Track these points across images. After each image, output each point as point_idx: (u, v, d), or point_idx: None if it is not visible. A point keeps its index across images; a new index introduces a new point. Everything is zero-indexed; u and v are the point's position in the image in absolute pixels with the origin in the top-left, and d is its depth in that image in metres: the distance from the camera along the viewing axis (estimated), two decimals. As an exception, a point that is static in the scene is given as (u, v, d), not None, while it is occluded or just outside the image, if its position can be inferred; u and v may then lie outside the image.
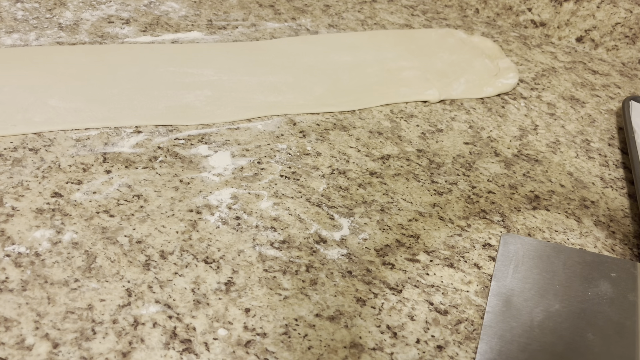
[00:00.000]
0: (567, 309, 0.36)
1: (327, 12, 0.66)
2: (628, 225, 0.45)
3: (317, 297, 0.35)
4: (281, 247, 0.38)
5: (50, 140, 0.43)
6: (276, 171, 0.44)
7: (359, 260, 0.38)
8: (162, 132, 0.46)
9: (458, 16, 0.71)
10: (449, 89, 0.57)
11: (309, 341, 0.33)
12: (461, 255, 0.40)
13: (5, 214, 0.37)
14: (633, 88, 0.63)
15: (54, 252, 0.35)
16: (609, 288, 0.38)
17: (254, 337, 0.33)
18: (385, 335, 0.34)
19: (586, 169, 0.50)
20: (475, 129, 0.52)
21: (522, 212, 0.44)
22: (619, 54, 0.68)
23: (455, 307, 0.36)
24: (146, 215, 0.39)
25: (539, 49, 0.67)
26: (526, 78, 0.61)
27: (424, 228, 0.41)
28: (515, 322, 0.35)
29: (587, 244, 0.42)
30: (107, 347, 0.31)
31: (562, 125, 0.55)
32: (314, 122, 0.50)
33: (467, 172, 0.47)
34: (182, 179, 0.42)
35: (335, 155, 0.47)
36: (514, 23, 0.71)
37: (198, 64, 0.54)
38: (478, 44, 0.65)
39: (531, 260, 0.39)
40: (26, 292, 0.33)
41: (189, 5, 0.63)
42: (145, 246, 0.37)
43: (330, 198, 0.43)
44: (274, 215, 0.40)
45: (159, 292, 0.34)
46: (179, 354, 0.31)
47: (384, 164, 0.47)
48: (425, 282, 0.38)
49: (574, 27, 0.68)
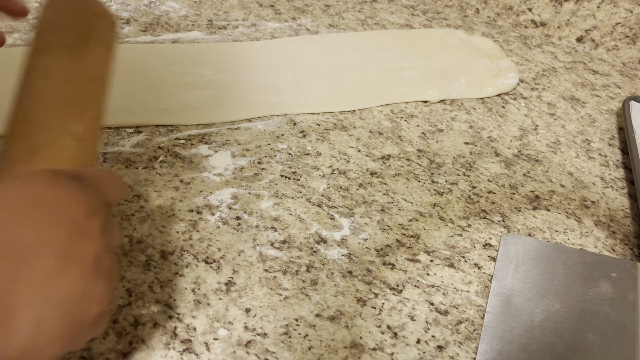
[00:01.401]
0: (568, 309, 0.36)
1: (328, 12, 0.66)
2: (628, 225, 0.45)
3: (317, 297, 0.35)
4: (281, 247, 0.38)
5: (51, 140, 0.43)
6: (276, 171, 0.44)
7: (360, 260, 0.38)
8: (162, 132, 0.46)
9: (458, 16, 0.71)
10: (449, 89, 0.57)
11: (309, 341, 0.33)
12: (461, 256, 0.40)
13: (6, 214, 0.37)
14: (633, 88, 0.63)
15: (54, 252, 0.35)
16: (610, 288, 0.38)
17: (255, 337, 0.33)
18: (386, 336, 0.34)
19: (586, 169, 0.50)
20: (476, 129, 0.52)
21: (522, 212, 0.44)
22: (619, 54, 0.68)
23: (456, 307, 0.36)
24: (146, 215, 0.39)
25: (539, 49, 0.67)
26: (526, 78, 0.61)
27: (424, 228, 0.41)
28: (515, 322, 0.35)
29: (587, 244, 0.42)
30: (107, 347, 0.31)
31: (562, 125, 0.55)
32: (314, 122, 0.50)
33: (467, 172, 0.47)
34: (182, 179, 0.42)
35: (335, 155, 0.47)
36: (514, 23, 0.71)
37: (198, 64, 0.54)
38: (478, 44, 0.65)
39: (531, 260, 0.39)
40: (26, 292, 0.33)
41: (189, 5, 0.63)
42: (146, 246, 0.37)
43: (331, 198, 0.43)
44: (274, 215, 0.40)
45: (159, 292, 0.34)
46: (179, 354, 0.31)
47: (384, 164, 0.47)
48: (425, 282, 0.38)
49: (574, 27, 0.68)
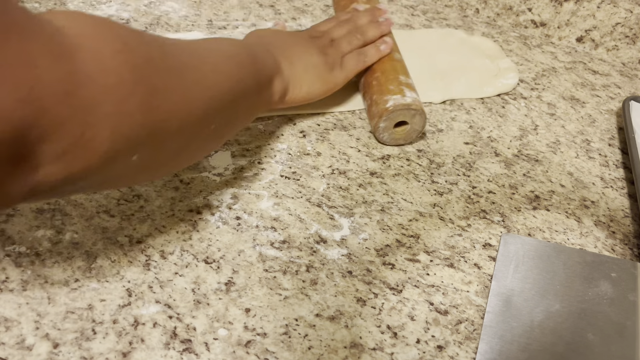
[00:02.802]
0: (568, 309, 0.36)
1: (328, 12, 0.66)
2: (628, 225, 0.45)
3: (317, 297, 0.35)
4: (281, 247, 0.38)
5: (51, 140, 0.43)
6: (276, 171, 0.44)
7: (359, 260, 0.38)
8: (162, 132, 0.46)
9: (458, 16, 0.71)
10: (449, 88, 0.57)
11: (309, 341, 0.33)
12: (461, 255, 0.40)
13: (6, 214, 0.37)
14: (633, 88, 0.63)
15: (54, 252, 0.35)
16: (609, 288, 0.38)
17: (254, 337, 0.33)
18: (386, 335, 0.34)
19: (586, 169, 0.50)
20: (476, 129, 0.52)
21: (522, 212, 0.44)
22: (619, 54, 0.68)
23: (456, 307, 0.36)
24: (146, 215, 0.39)
25: (539, 49, 0.67)
26: (526, 78, 0.61)
27: (424, 228, 0.41)
28: (515, 322, 0.35)
29: (587, 244, 0.42)
30: (107, 347, 0.31)
31: (562, 125, 0.55)
32: (314, 122, 0.50)
33: (467, 172, 0.47)
34: (182, 178, 0.42)
35: (335, 155, 0.47)
36: (514, 23, 0.71)
37: (198, 64, 0.54)
38: (478, 44, 0.65)
39: (531, 260, 0.39)
40: (26, 292, 0.33)
41: (189, 5, 0.63)
42: (146, 246, 0.37)
43: (331, 198, 0.43)
44: (274, 215, 0.40)
45: (159, 292, 0.34)
46: (179, 354, 0.31)
47: (384, 164, 0.47)
48: (425, 282, 0.38)
49: (574, 27, 0.68)
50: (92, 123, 0.22)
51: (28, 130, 0.20)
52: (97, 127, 0.23)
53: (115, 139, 0.24)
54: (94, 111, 0.22)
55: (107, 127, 0.23)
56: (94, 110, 0.22)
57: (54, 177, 0.22)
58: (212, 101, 0.32)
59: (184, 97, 0.29)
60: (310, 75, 0.46)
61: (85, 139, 0.22)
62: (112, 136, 0.24)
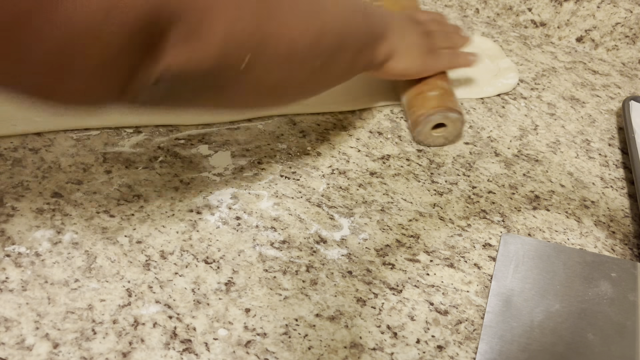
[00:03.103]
0: (567, 309, 0.36)
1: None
2: (628, 225, 0.45)
3: (317, 297, 0.35)
4: (281, 247, 0.38)
5: (51, 140, 0.43)
6: (276, 171, 0.44)
7: (359, 260, 0.38)
8: (162, 132, 0.46)
9: (458, 16, 0.71)
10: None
11: (309, 341, 0.33)
12: (461, 255, 0.40)
13: (6, 214, 0.37)
14: (633, 88, 0.63)
15: (54, 252, 0.35)
16: (609, 288, 0.38)
17: (254, 337, 0.33)
18: (386, 336, 0.34)
19: (586, 169, 0.50)
20: (476, 129, 0.52)
21: (522, 212, 0.44)
22: (619, 54, 0.68)
23: (456, 307, 0.36)
24: (146, 215, 0.39)
25: (539, 49, 0.67)
26: (526, 78, 0.61)
27: (424, 228, 0.41)
28: (515, 322, 0.35)
29: (587, 244, 0.42)
30: (107, 347, 0.31)
31: (562, 125, 0.55)
32: (314, 122, 0.50)
33: (467, 172, 0.47)
34: (182, 179, 0.42)
35: (335, 155, 0.47)
36: (514, 23, 0.71)
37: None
38: (478, 44, 0.65)
39: (531, 260, 0.39)
40: (26, 292, 0.33)
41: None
42: (146, 246, 0.37)
43: (331, 198, 0.43)
44: (274, 215, 0.40)
45: (159, 292, 0.34)
46: (179, 354, 0.31)
47: (384, 164, 0.47)
48: (425, 282, 0.38)
49: (574, 27, 0.68)
50: (210, 14, 0.25)
51: (160, 12, 0.22)
52: (213, 20, 0.25)
53: (227, 38, 0.26)
54: (213, 3, 0.25)
55: (222, 22, 0.26)
56: (212, 2, 0.25)
57: (177, 64, 0.25)
58: (322, 35, 0.33)
59: (296, 21, 0.30)
60: (413, 53, 0.47)
61: (203, 28, 0.25)
62: (225, 33, 0.26)
